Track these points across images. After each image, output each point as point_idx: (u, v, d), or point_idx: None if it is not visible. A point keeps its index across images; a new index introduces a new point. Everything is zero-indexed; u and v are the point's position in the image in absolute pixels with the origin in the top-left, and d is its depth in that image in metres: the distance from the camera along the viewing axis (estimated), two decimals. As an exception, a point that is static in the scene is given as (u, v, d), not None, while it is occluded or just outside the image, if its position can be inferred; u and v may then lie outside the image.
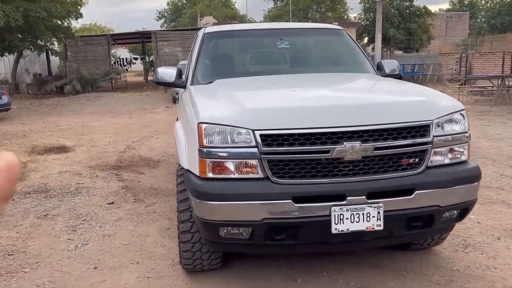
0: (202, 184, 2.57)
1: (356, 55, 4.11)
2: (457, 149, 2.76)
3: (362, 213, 2.50)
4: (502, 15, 63.03)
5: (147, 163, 6.99)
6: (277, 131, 2.49)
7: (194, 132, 2.66)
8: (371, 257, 3.42)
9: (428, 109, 2.70)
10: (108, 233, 4.12)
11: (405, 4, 26.79)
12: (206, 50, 3.96)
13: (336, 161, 2.52)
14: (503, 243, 3.66)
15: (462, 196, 2.69)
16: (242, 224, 2.53)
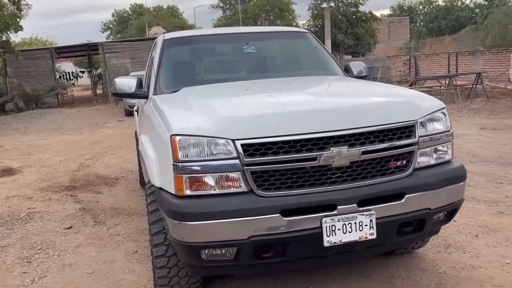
0: (179, 203, 2.31)
1: (324, 58, 4.00)
2: (442, 149, 2.68)
3: (354, 222, 2.34)
4: (438, 19, 66.67)
5: (104, 181, 6.56)
6: (260, 139, 2.29)
7: (166, 146, 2.40)
8: (356, 265, 3.28)
9: (411, 109, 2.60)
10: (68, 262, 3.73)
11: (351, 10, 27.57)
12: (168, 58, 3.70)
13: (324, 169, 2.35)
14: (482, 240, 3.64)
15: (451, 197, 2.61)
16: (227, 244, 2.29)
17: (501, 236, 3.69)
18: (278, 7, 41.77)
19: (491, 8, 33.61)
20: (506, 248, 3.46)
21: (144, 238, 4.15)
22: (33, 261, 3.79)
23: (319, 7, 27.82)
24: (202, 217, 2.25)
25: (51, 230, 4.54)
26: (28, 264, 3.75)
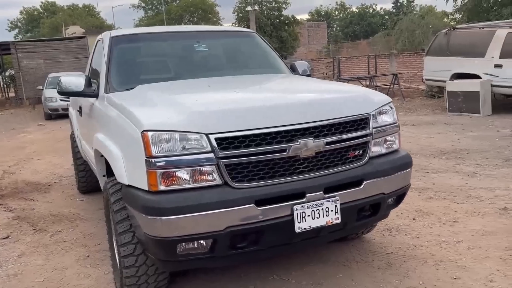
0: (153, 198, 2.31)
1: (272, 56, 4.16)
2: (391, 139, 2.94)
3: (322, 208, 2.50)
4: (353, 24, 70.72)
5: (36, 187, 6.17)
6: (233, 133, 2.36)
7: (135, 142, 2.38)
8: (313, 253, 3.46)
9: (365, 103, 2.83)
10: (13, 273, 3.50)
11: (275, 14, 28.35)
12: (117, 56, 3.62)
13: (292, 159, 2.49)
14: (419, 222, 4.02)
15: (401, 181, 2.88)
16: (204, 236, 2.33)
17: (434, 218, 4.10)
18: (202, 8, 41.66)
19: (400, 15, 36.32)
20: (440, 228, 3.86)
21: (93, 243, 4.01)
22: (-28, 274, 3.50)
23: (244, 10, 28.26)
24: (178, 211, 2.27)
25: (-15, 241, 4.20)
26: (-34, 277, 3.46)
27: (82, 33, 24.30)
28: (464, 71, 10.69)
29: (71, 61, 20.36)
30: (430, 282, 2.96)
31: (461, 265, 3.16)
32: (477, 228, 3.79)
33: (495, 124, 9.02)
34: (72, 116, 5.32)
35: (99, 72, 3.78)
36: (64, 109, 14.68)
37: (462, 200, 4.52)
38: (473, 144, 7.18)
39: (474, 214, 4.13)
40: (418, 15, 33.94)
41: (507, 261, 3.18)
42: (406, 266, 3.21)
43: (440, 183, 5.13)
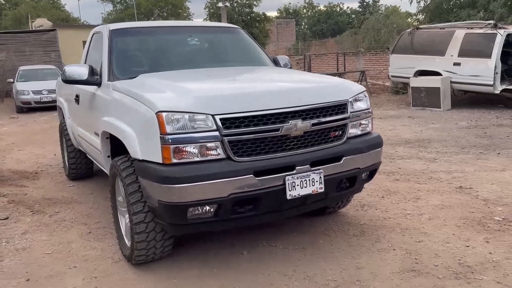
0: (168, 169, 2.70)
1: (258, 50, 4.58)
2: (364, 122, 3.42)
3: (308, 179, 2.96)
4: (320, 22, 71.94)
5: (23, 175, 6.34)
6: (235, 114, 2.78)
7: (150, 122, 2.76)
8: (296, 224, 3.92)
9: (344, 91, 3.30)
10: (21, 247, 3.77)
11: (246, 10, 28.73)
12: (118, 47, 3.94)
13: (284, 138, 2.92)
14: (387, 200, 4.55)
15: (374, 158, 3.37)
16: (211, 201, 2.74)
17: (400, 196, 4.64)
18: (172, 3, 41.54)
19: (366, 15, 37.45)
20: (405, 204, 4.40)
21: (92, 221, 4.32)
22: (-19, 250, 3.76)
23: (215, 6, 28.50)
24: (189, 180, 2.67)
25: (-14, 222, 4.43)
26: (-24, 252, 3.71)
27: (50, 26, 23.84)
28: (427, 68, 11.45)
29: (41, 54, 20.05)
30: (397, 245, 3.47)
31: (423, 232, 3.69)
32: (437, 203, 4.35)
33: (453, 117, 9.78)
34: (63, 106, 5.55)
35: (98, 62, 4.09)
36: (37, 102, 14.61)
37: (424, 181, 5.10)
38: (434, 135, 7.86)
39: (435, 192, 4.70)
40: (383, 14, 35.11)
41: (461, 228, 3.74)
42: (377, 233, 3.71)
43: (405, 168, 5.70)
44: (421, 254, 3.29)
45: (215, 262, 3.32)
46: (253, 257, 3.38)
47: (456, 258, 3.19)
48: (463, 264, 3.10)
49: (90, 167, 5.82)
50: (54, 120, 12.92)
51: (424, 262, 3.17)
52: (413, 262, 3.18)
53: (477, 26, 10.82)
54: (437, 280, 2.92)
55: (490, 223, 3.79)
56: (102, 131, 3.53)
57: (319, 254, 3.38)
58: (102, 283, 3.10)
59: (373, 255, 3.32)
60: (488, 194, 4.52)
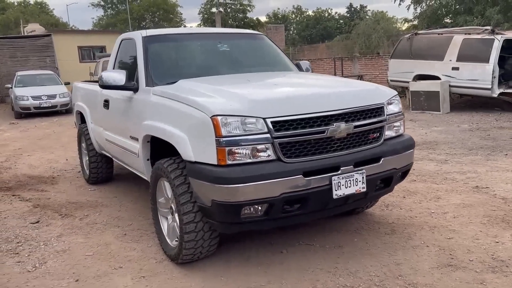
0: (223, 170, 2.81)
1: (282, 56, 4.73)
2: (397, 125, 3.58)
3: (352, 179, 3.10)
4: (309, 27, 72.54)
5: (41, 180, 6.38)
6: (285, 117, 2.91)
7: (204, 126, 2.87)
8: (329, 223, 4.06)
9: (380, 94, 3.46)
10: (61, 249, 3.84)
11: (240, 16, 28.95)
12: (153, 53, 4.05)
13: (329, 139, 3.06)
14: (409, 199, 4.71)
15: (408, 159, 3.53)
16: (264, 201, 2.86)
17: (421, 196, 4.81)
18: (164, 9, 41.59)
19: (355, 20, 37.94)
20: (428, 203, 4.57)
21: (125, 224, 4.40)
22: (21, 252, 3.81)
23: (209, 11, 28.65)
24: (244, 180, 2.79)
25: (17, 226, 4.48)
26: (17, 255, 3.77)
27: (43, 31, 23.72)
28: (425, 73, 11.73)
29: (36, 59, 19.95)
30: (429, 242, 3.63)
31: (451, 229, 3.86)
32: (458, 202, 4.53)
33: (454, 120, 10.05)
34: (85, 111, 5.62)
35: (130, 68, 4.19)
36: (36, 108, 14.56)
37: (441, 182, 5.28)
38: (440, 137, 8.08)
39: (453, 192, 4.88)
40: (373, 20, 35.62)
41: (486, 225, 3.91)
42: (407, 231, 3.87)
43: (419, 169, 5.88)
44: (455, 250, 3.45)
45: (258, 260, 3.44)
46: (294, 255, 3.51)
47: (489, 253, 3.36)
48: (497, 259, 3.27)
49: (110, 171, 5.89)
50: (55, 125, 12.91)
51: (459, 257, 3.33)
52: (448, 257, 3.34)
53: (474, 32, 11.13)
54: (475, 274, 3.07)
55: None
56: (144, 134, 3.63)
57: (356, 252, 3.52)
58: (151, 282, 3.19)
59: (408, 252, 3.47)
60: (506, 193, 4.71)
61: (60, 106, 14.87)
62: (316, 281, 3.10)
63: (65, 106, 14.88)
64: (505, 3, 12.34)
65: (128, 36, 4.56)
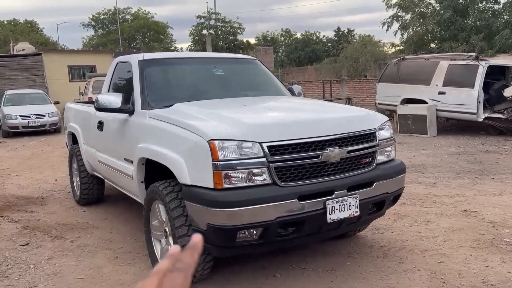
0: (219, 194, 2.84)
1: (275, 80, 4.83)
2: (389, 149, 3.67)
3: (346, 203, 3.15)
4: (298, 50, 73.60)
5: (30, 201, 6.31)
6: (281, 142, 2.97)
7: (201, 150, 2.91)
8: (321, 247, 4.08)
9: (372, 120, 3.55)
10: (52, 272, 3.80)
11: (230, 38, 29.34)
12: (149, 77, 4.10)
13: (324, 164, 3.12)
14: (400, 223, 4.77)
15: (399, 183, 3.60)
16: (259, 225, 2.88)
17: (411, 219, 4.88)
18: (155, 29, 41.96)
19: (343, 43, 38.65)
20: (418, 226, 4.63)
21: (116, 246, 4.36)
22: (10, 275, 3.76)
23: (199, 33, 28.99)
24: (240, 204, 2.82)
25: (6, 248, 4.41)
26: (6, 278, 3.71)
27: (33, 50, 23.71)
28: (413, 97, 11.97)
29: (25, 78, 19.87)
30: (421, 265, 3.67)
31: (442, 253, 3.91)
32: (447, 226, 4.60)
33: (441, 143, 10.23)
34: (77, 132, 5.62)
35: (125, 91, 4.24)
36: (25, 127, 14.44)
37: (430, 205, 5.36)
38: (428, 160, 8.22)
39: (442, 215, 4.96)
40: (361, 44, 36.33)
41: (476, 249, 3.98)
42: (399, 255, 3.91)
43: (409, 192, 5.96)
44: (446, 274, 3.50)
45: (251, 284, 3.44)
46: (287, 279, 3.52)
47: (479, 277, 3.41)
48: (487, 283, 3.32)
49: (101, 192, 5.86)
50: (43, 145, 12.80)
51: (450, 281, 3.37)
52: (439, 281, 3.38)
53: (459, 58, 11.45)
54: (466, 298, 3.12)
55: (501, 244, 4.05)
56: (139, 157, 3.65)
57: (349, 275, 3.54)
58: (144, 307, 3.16)
59: (400, 276, 3.51)
60: (493, 217, 4.80)
61: (49, 125, 14.78)
62: (310, 305, 3.11)
63: (54, 125, 14.79)
64: (489, 31, 12.78)
65: (124, 59, 4.62)
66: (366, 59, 32.64)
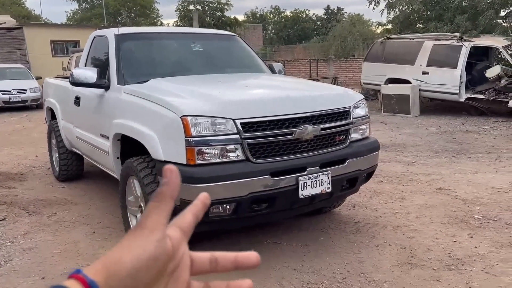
0: (192, 170, 2.86)
1: (255, 58, 4.81)
2: (363, 128, 3.71)
3: (318, 179, 3.20)
4: (287, 28, 72.89)
5: (8, 177, 6.26)
6: (254, 119, 2.98)
7: (174, 125, 2.92)
8: (297, 222, 4.16)
9: (347, 98, 3.57)
10: (28, 247, 3.81)
11: (217, 14, 28.89)
12: (125, 51, 4.05)
13: (297, 141, 3.16)
14: (375, 200, 4.87)
15: (372, 161, 3.66)
16: (232, 200, 2.92)
17: (387, 196, 4.97)
18: (141, 4, 41.05)
19: (332, 22, 38.38)
20: (393, 203, 4.73)
21: (94, 222, 4.38)
22: (-14, 250, 3.76)
23: (186, 9, 28.47)
24: (212, 180, 2.85)
25: (-17, 223, 4.40)
26: (-19, 252, 3.71)
27: (14, 23, 23.06)
28: (397, 76, 12.03)
29: (6, 52, 19.43)
30: (392, 241, 3.77)
31: (413, 229, 4.01)
32: (421, 203, 4.70)
33: (423, 123, 10.35)
34: (55, 108, 5.56)
35: (102, 66, 4.19)
36: (6, 102, 14.20)
37: (407, 183, 5.46)
38: (408, 140, 8.33)
39: (417, 193, 5.07)
40: (349, 23, 36.11)
41: (446, 225, 4.09)
42: (371, 230, 4.00)
43: (387, 170, 6.07)
44: (415, 248, 3.60)
45: (226, 258, 3.49)
46: (261, 253, 3.50)
47: (447, 252, 3.52)
48: (454, 257, 3.43)
49: (80, 169, 5.84)
50: (25, 120, 12.62)
51: (419, 255, 3.48)
52: (408, 256, 3.48)
53: (444, 38, 11.49)
54: (432, 272, 3.22)
55: (471, 221, 4.16)
56: (114, 133, 3.63)
57: (322, 250, 3.63)
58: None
59: (371, 250, 3.60)
60: (466, 195, 4.92)
61: (31, 101, 14.55)
62: (282, 278, 3.19)
63: (36, 101, 14.57)
64: (473, 11, 12.80)
65: (101, 33, 4.55)
66: (354, 38, 32.57)
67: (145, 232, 0.49)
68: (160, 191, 0.53)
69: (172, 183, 0.55)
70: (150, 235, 0.49)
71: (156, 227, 0.49)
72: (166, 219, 0.52)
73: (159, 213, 0.51)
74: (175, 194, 0.55)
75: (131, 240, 0.48)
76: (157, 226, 0.49)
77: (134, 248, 0.47)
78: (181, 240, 0.54)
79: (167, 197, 0.54)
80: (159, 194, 0.53)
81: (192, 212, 0.60)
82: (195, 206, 0.59)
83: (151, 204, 0.51)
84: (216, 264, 0.60)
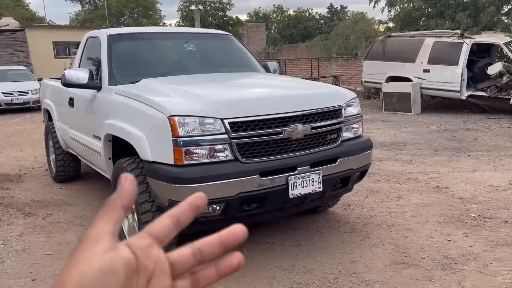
0: (179, 170, 2.84)
1: (249, 57, 4.78)
2: (356, 126, 3.68)
3: (309, 179, 3.17)
4: (290, 27, 72.78)
5: (6, 178, 6.27)
6: (243, 118, 2.96)
7: (162, 126, 2.90)
8: (290, 222, 4.13)
9: (339, 97, 3.54)
10: (21, 248, 3.81)
11: (219, 14, 28.86)
12: (117, 52, 4.04)
13: (287, 140, 3.13)
14: (371, 199, 4.83)
15: (365, 160, 3.63)
16: (221, 200, 2.90)
17: (383, 195, 4.93)
18: (143, 5, 41.12)
19: (335, 21, 38.26)
20: (389, 202, 4.69)
21: (89, 223, 4.36)
22: (-21, 252, 3.76)
23: (188, 9, 28.46)
24: (201, 180, 2.83)
25: (-22, 224, 4.41)
26: (-26, 254, 3.71)
27: (17, 25, 23.16)
28: (398, 74, 11.96)
29: (9, 54, 19.51)
30: (386, 240, 3.73)
31: (408, 228, 3.98)
32: (418, 202, 4.66)
33: (424, 121, 10.28)
34: (51, 109, 5.56)
35: (95, 66, 4.18)
36: (7, 104, 14.26)
37: (404, 182, 5.42)
38: (408, 138, 8.27)
39: (414, 191, 5.02)
40: (352, 21, 35.97)
41: (442, 224, 4.05)
42: (366, 230, 3.97)
43: (384, 169, 6.02)
44: (409, 248, 3.57)
45: (217, 259, 3.47)
46: (254, 253, 3.56)
47: (441, 251, 3.48)
48: (447, 257, 3.39)
49: (77, 170, 5.84)
50: (26, 122, 12.67)
51: (412, 255, 3.44)
52: (402, 255, 3.45)
53: (445, 35, 11.41)
54: (425, 271, 3.19)
55: (467, 220, 4.12)
56: (105, 133, 3.62)
57: (315, 250, 3.60)
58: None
59: (365, 250, 3.57)
60: (463, 193, 4.87)
61: (33, 102, 14.59)
62: (272, 279, 3.16)
63: (37, 102, 14.56)
64: (475, 8, 12.69)
65: (94, 34, 4.54)
66: (357, 36, 32.45)
67: (87, 243, 0.44)
68: (111, 199, 0.49)
69: (125, 191, 0.50)
70: (93, 246, 0.43)
71: (100, 236, 0.44)
72: (114, 227, 0.48)
73: (106, 221, 0.46)
74: (127, 203, 0.50)
75: (77, 254, 0.43)
76: (102, 235, 0.44)
77: (79, 263, 0.42)
78: (148, 247, 0.48)
79: (117, 205, 0.49)
80: (109, 201, 0.49)
81: (172, 215, 0.54)
82: (178, 208, 0.53)
83: (99, 213, 0.48)
84: (201, 256, 0.52)
